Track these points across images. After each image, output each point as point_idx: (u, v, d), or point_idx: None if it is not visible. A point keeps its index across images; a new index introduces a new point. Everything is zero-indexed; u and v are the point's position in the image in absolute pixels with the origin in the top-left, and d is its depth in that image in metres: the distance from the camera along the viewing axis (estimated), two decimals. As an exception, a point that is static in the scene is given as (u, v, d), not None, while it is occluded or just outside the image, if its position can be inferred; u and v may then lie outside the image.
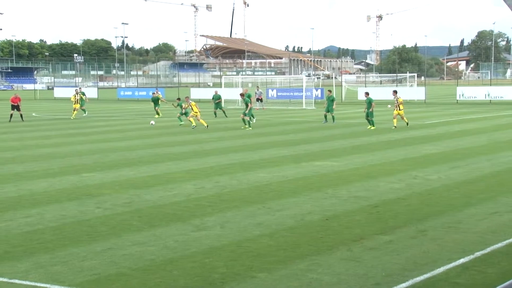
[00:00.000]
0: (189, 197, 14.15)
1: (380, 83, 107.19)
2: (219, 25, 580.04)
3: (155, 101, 43.40)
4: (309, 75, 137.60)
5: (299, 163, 19.56)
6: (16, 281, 8.32)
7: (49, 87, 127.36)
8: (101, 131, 31.74)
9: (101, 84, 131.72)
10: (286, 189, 15.08)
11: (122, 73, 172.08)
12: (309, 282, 8.23)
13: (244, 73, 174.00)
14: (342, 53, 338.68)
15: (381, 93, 65.61)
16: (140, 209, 12.91)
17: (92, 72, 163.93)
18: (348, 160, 20.21)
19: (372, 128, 31.40)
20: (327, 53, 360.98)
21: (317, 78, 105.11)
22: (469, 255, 9.33)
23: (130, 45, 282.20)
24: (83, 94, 45.63)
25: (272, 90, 66.41)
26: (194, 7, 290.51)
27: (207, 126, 32.64)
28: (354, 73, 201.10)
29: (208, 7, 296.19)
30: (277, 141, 26.14)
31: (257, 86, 56.78)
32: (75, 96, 42.35)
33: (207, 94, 71.51)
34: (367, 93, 33.26)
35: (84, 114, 44.20)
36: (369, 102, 31.93)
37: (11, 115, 40.05)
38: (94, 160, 20.45)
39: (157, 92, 44.50)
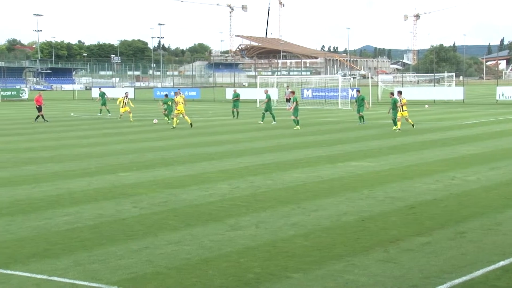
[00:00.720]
0: (224, 197, 14.20)
1: (417, 83, 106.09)
2: (254, 25, 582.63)
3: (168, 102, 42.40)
4: (344, 75, 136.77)
5: (335, 163, 19.46)
6: (55, 278, 8.45)
7: (87, 87, 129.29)
8: (137, 131, 32.07)
9: (137, 84, 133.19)
10: (321, 189, 15.02)
11: (158, 73, 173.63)
12: (345, 283, 8.18)
13: (279, 73, 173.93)
14: (378, 52, 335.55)
15: (418, 93, 64.95)
16: (176, 208, 13.00)
17: (129, 73, 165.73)
18: (384, 160, 20.03)
19: (397, 129, 30.53)
20: (363, 52, 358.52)
21: (353, 78, 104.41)
22: (509, 258, 9.16)
23: (166, 46, 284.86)
24: (104, 94, 46.50)
25: (308, 90, 66.23)
26: (230, 7, 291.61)
27: (191, 124, 32.96)
28: (390, 73, 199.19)
29: (244, 7, 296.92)
30: (312, 142, 26.06)
31: (287, 86, 56.63)
32: (123, 99, 40.68)
33: (243, 94, 71.70)
34: (392, 94, 32.61)
35: (109, 114, 44.65)
36: (394, 103, 31.14)
37: (38, 116, 39.53)
38: (130, 160, 20.66)
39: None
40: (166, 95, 39.07)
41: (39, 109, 39.92)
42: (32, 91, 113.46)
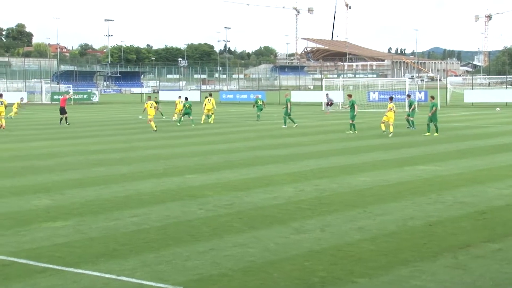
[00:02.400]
0: (289, 199, 14.19)
1: (488, 85, 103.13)
2: (320, 28, 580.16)
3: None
4: (412, 78, 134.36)
5: (402, 167, 19.17)
6: (124, 278, 8.64)
7: (155, 91, 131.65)
8: (203, 134, 32.44)
9: (203, 87, 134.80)
10: (388, 193, 14.82)
11: (224, 76, 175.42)
12: (411, 290, 8.02)
13: (345, 75, 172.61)
14: (447, 54, 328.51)
15: (489, 95, 63.23)
16: (241, 211, 13.07)
17: (195, 76, 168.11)
18: (453, 164, 19.58)
19: (429, 134, 29.31)
20: (431, 54, 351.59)
21: (421, 80, 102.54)
22: None
23: (232, 49, 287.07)
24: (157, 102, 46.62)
25: (374, 93, 65.52)
26: (296, 10, 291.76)
27: (156, 130, 33.51)
28: (460, 75, 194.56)
29: (310, 10, 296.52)
30: (379, 145, 25.73)
31: (327, 93, 56.21)
32: (179, 102, 41.11)
33: (308, 96, 71.56)
34: (432, 97, 31.26)
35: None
36: (433, 106, 29.97)
37: (62, 119, 39.47)
38: (196, 162, 20.92)
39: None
40: (186, 98, 39.67)
41: (62, 110, 39.62)
42: (103, 94, 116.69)
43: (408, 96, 35.96)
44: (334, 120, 41.05)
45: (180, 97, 41.95)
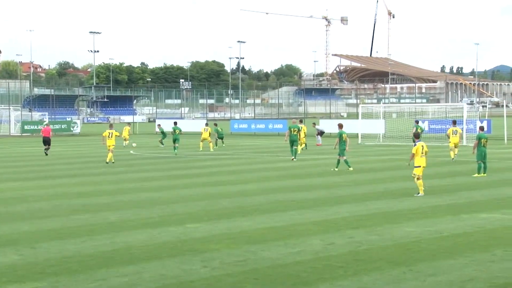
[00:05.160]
0: (316, 255, 14.13)
1: None
2: (356, 41, 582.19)
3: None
4: (471, 103, 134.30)
5: (458, 214, 19.06)
6: None
7: (150, 119, 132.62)
8: (210, 172, 32.52)
9: (211, 115, 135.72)
10: (440, 248, 14.73)
11: (237, 101, 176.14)
12: None
13: (387, 100, 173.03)
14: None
15: None
16: (256, 269, 13.03)
17: (201, 101, 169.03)
18: (524, 212, 19.45)
19: (479, 175, 28.78)
20: (496, 74, 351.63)
21: (483, 106, 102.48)
22: None
23: (246, 68, 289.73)
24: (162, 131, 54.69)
25: (423, 122, 65.41)
26: (326, 20, 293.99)
27: (108, 162, 37.25)
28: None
29: (343, 20, 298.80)
30: (429, 187, 25.61)
31: (314, 123, 57.83)
32: (205, 130, 48.95)
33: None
34: (481, 128, 30.79)
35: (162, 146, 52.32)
36: (479, 139, 29.34)
37: (45, 150, 44.62)
38: (201, 208, 20.94)
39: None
40: (175, 123, 48.46)
41: (46, 141, 44.93)
42: (86, 123, 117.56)
43: (340, 126, 33.71)
44: (372, 156, 40.98)
45: (207, 124, 51.39)
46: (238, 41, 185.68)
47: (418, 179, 23.38)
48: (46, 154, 44.11)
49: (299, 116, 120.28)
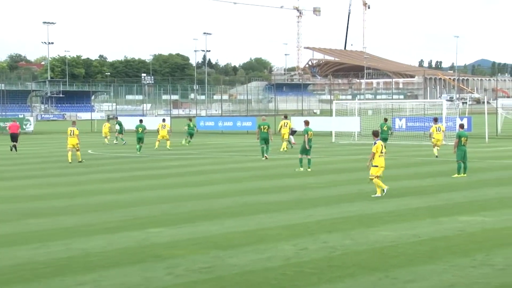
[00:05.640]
0: (287, 261, 14.16)
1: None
2: (330, 34, 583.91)
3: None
4: (451, 99, 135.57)
5: (437, 217, 19.20)
6: None
7: (110, 117, 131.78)
8: (175, 173, 32.44)
9: (175, 112, 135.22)
10: (418, 252, 14.83)
11: (203, 97, 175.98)
12: None
13: (362, 96, 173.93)
14: (498, 69, 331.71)
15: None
16: (223, 276, 13.03)
17: (164, 97, 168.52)
18: (507, 215, 19.67)
19: (458, 175, 29.09)
20: (476, 69, 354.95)
21: (463, 103, 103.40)
22: None
23: (213, 61, 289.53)
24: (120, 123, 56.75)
25: (400, 120, 65.89)
26: (298, 10, 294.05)
27: (71, 162, 37.49)
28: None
29: (316, 11, 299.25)
30: (407, 188, 25.80)
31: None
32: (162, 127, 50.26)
33: (313, 124, 71.66)
34: (462, 126, 31.17)
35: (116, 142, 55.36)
36: (459, 137, 29.70)
37: (12, 147, 46.56)
38: (164, 211, 20.88)
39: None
40: (141, 120, 49.52)
41: (14, 137, 47.03)
42: (40, 121, 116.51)
43: (306, 122, 34.20)
44: (347, 156, 41.16)
45: (164, 120, 53.43)
46: (204, 33, 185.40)
47: (373, 179, 23.67)
48: (11, 150, 45.95)
49: (269, 113, 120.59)
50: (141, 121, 49.07)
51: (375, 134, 24.83)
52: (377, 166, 23.66)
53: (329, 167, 34.58)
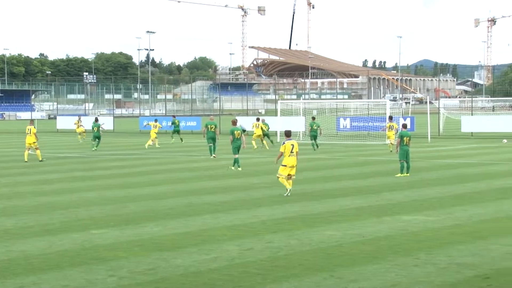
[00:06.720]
0: (232, 262, 14.18)
1: (493, 110, 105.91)
2: (274, 33, 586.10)
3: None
4: (395, 99, 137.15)
5: (381, 217, 19.40)
6: None
7: (51, 116, 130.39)
8: (117, 174, 32.21)
9: (118, 111, 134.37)
10: (362, 252, 14.97)
11: (146, 97, 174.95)
12: None
13: (307, 96, 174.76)
14: (440, 69, 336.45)
15: (493, 123, 64.65)
16: (168, 277, 12.99)
17: (107, 96, 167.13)
18: (448, 214, 19.93)
19: (401, 175, 29.52)
20: (419, 69, 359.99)
21: (406, 103, 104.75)
22: None
23: (157, 60, 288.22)
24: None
25: (345, 120, 66.39)
26: (242, 9, 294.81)
27: (27, 161, 37.92)
28: (456, 96, 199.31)
29: (261, 10, 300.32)
30: (351, 188, 26.00)
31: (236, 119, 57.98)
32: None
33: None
34: (404, 126, 31.69)
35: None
36: (401, 137, 30.16)
37: None
38: (107, 212, 20.72)
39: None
40: (96, 119, 51.47)
41: None
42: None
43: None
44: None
45: (97, 120, 51.56)
46: (148, 31, 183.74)
47: (279, 177, 24.31)
48: None
49: (214, 113, 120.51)
50: (96, 120, 51.09)
51: (287, 134, 25.09)
52: (285, 165, 24.02)
53: (273, 167, 34.64)
